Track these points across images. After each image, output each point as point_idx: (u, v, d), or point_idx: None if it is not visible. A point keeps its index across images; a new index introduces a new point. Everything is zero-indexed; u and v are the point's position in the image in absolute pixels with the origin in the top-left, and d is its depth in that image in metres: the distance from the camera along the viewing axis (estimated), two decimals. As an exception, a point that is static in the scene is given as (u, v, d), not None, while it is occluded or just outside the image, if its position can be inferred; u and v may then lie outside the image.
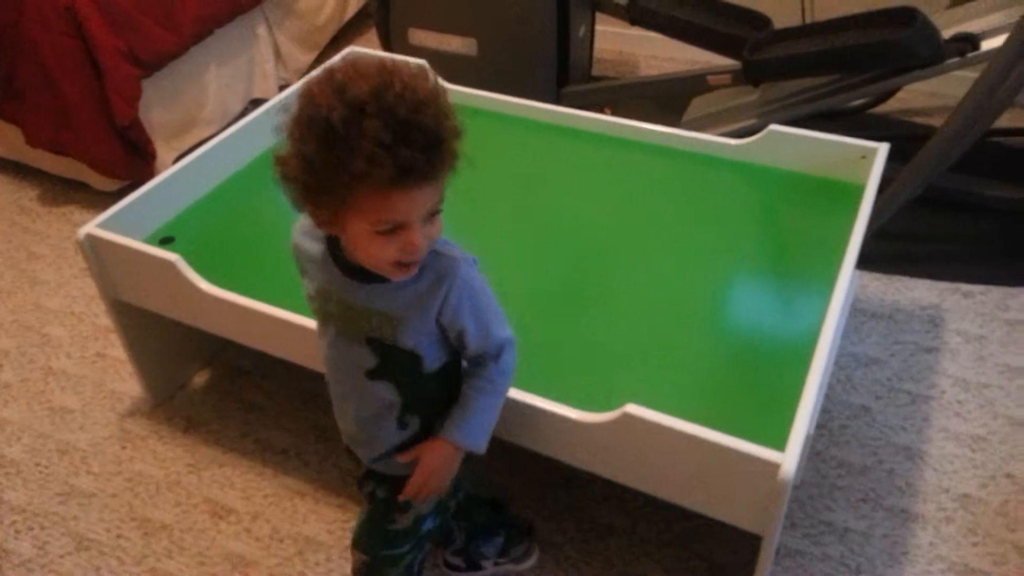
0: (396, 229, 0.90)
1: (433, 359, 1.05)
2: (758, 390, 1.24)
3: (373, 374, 1.04)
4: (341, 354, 1.06)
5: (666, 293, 1.43)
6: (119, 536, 1.53)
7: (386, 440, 1.09)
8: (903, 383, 1.72)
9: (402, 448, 1.10)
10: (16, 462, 1.68)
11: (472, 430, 1.07)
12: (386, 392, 1.05)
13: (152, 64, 2.24)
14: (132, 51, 2.17)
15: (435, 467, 1.08)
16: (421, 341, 1.02)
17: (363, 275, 0.99)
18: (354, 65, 0.88)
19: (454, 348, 1.06)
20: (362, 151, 0.83)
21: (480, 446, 1.08)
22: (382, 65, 0.87)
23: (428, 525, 1.19)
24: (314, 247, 1.03)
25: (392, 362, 1.03)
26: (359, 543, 1.19)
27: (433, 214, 0.92)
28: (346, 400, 1.11)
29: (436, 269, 0.98)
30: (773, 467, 1.04)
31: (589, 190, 1.68)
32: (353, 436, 1.14)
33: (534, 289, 1.09)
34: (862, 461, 1.58)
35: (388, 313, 1.00)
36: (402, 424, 1.08)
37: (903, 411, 1.67)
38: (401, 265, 0.93)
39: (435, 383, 1.07)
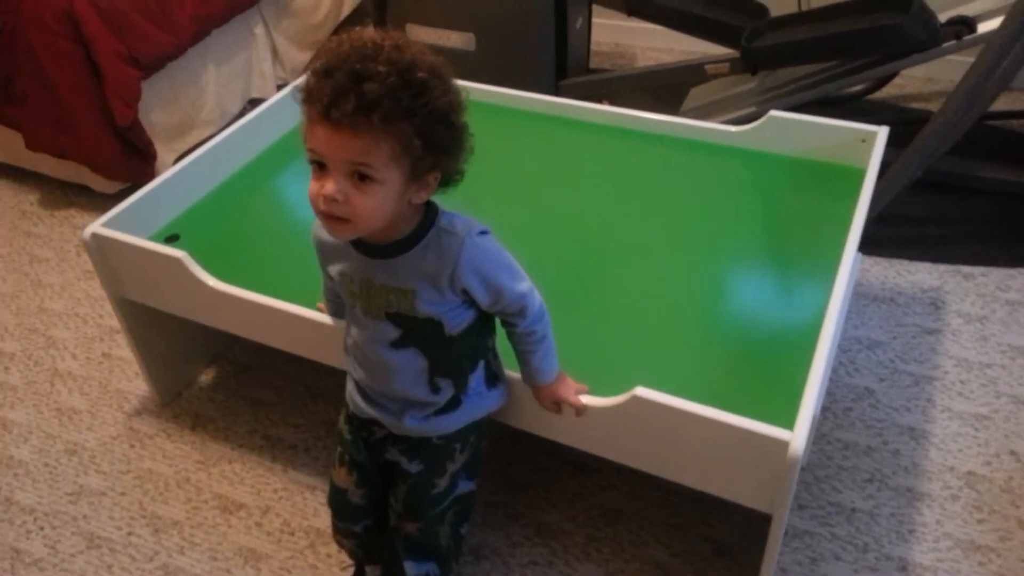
0: (322, 172, 0.94)
1: (455, 323, 1.08)
2: (764, 374, 1.25)
3: (397, 344, 1.09)
4: (368, 332, 1.10)
5: (670, 280, 1.44)
6: (130, 534, 1.53)
7: (424, 406, 1.14)
8: (906, 365, 1.74)
9: (441, 411, 1.15)
10: (25, 463, 1.68)
11: (545, 370, 1.16)
12: (413, 359, 1.10)
13: (151, 66, 2.24)
14: (131, 53, 2.17)
15: (553, 399, 1.19)
16: (439, 309, 1.06)
17: (376, 251, 1.04)
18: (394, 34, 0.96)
19: (477, 309, 1.10)
20: (312, 75, 0.92)
21: (556, 371, 1.18)
22: (406, 39, 0.94)
23: (464, 486, 1.23)
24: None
25: (415, 331, 1.08)
26: (408, 514, 1.22)
27: (363, 177, 0.93)
28: (374, 373, 1.14)
29: (440, 248, 1.02)
30: (782, 445, 1.05)
31: (591, 180, 1.68)
32: (381, 406, 1.17)
33: (538, 278, 1.10)
34: (867, 442, 1.59)
35: (402, 287, 1.04)
36: (434, 388, 1.13)
37: (907, 392, 1.68)
38: (322, 215, 0.96)
39: (460, 344, 1.11)
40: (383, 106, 0.89)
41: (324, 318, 1.32)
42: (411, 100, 0.91)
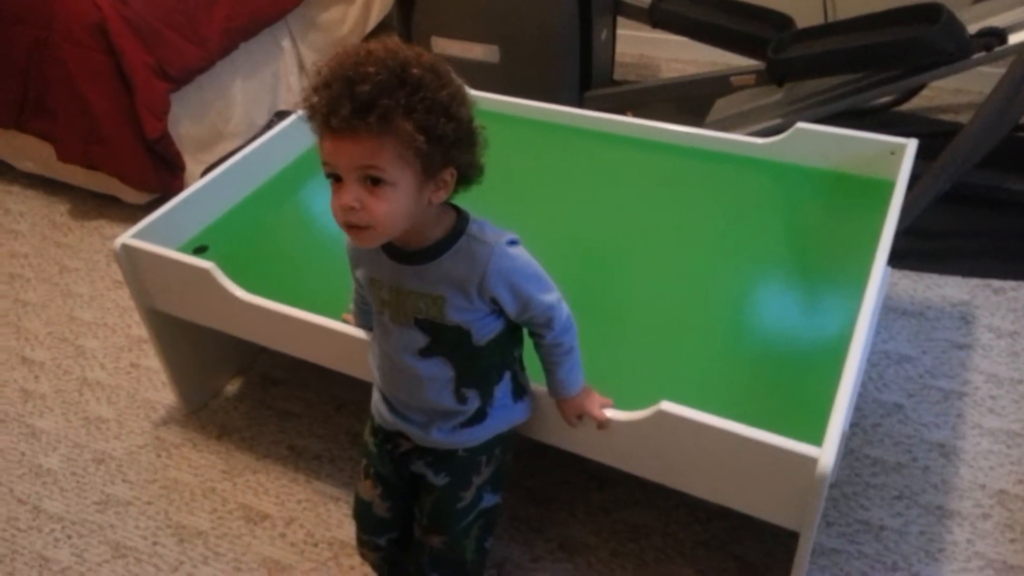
0: (338, 184, 0.95)
1: (483, 333, 1.08)
2: (791, 389, 1.24)
3: (425, 352, 1.09)
4: (394, 339, 1.10)
5: (696, 293, 1.43)
6: (155, 543, 1.54)
7: (450, 417, 1.14)
8: (936, 380, 1.71)
9: (468, 423, 1.15)
10: (53, 472, 1.70)
11: (571, 383, 1.16)
12: (440, 368, 1.10)
13: (180, 78, 2.27)
14: (161, 66, 2.20)
15: (577, 412, 1.18)
16: (468, 317, 1.06)
17: (407, 257, 1.04)
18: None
19: (506, 319, 1.10)
20: (311, 90, 0.93)
21: (582, 384, 1.17)
22: (401, 44, 0.95)
23: (489, 500, 1.22)
24: None
25: (442, 339, 1.08)
26: (434, 528, 1.22)
27: (375, 181, 0.93)
28: (401, 384, 1.14)
29: (470, 255, 1.03)
30: (810, 461, 1.03)
31: (615, 192, 1.68)
32: (408, 418, 1.17)
33: (563, 290, 1.10)
34: (896, 459, 1.57)
35: (432, 294, 1.05)
36: (461, 398, 1.13)
37: (936, 408, 1.65)
38: (344, 226, 0.97)
39: (487, 354, 1.11)
40: (378, 106, 0.89)
41: (350, 329, 1.32)
42: (407, 97, 0.91)
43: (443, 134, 0.93)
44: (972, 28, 1.96)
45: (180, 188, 2.20)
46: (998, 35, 1.93)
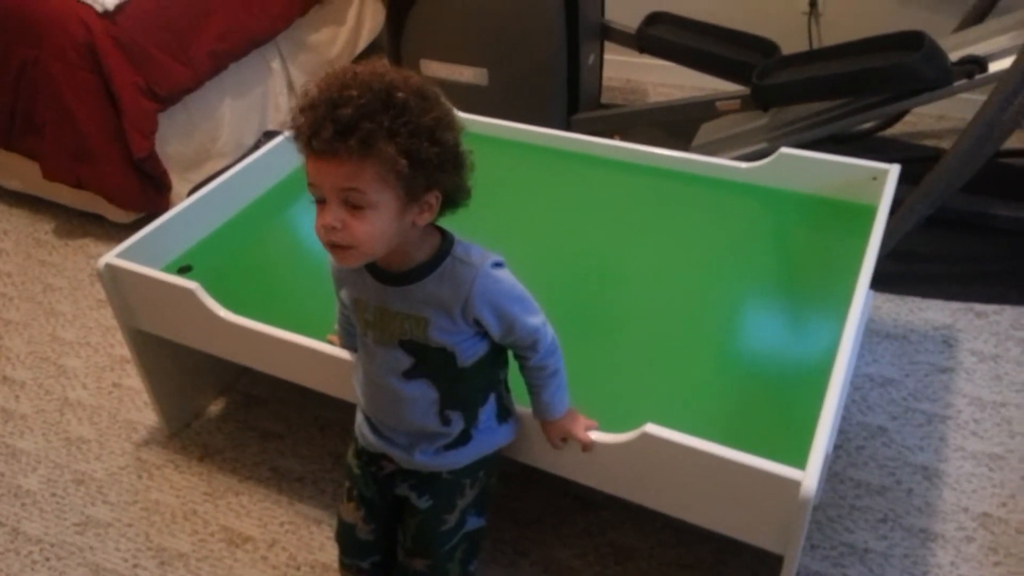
0: (322, 205, 0.96)
1: (468, 354, 1.08)
2: (775, 411, 1.24)
3: (409, 373, 1.09)
4: (378, 361, 1.10)
5: (681, 316, 1.43)
6: (136, 566, 1.52)
7: (434, 439, 1.14)
8: (919, 403, 1.72)
9: (451, 445, 1.14)
10: (33, 493, 1.68)
11: (556, 405, 1.15)
12: (424, 390, 1.10)
13: (168, 98, 2.27)
14: (149, 86, 2.20)
15: (562, 435, 1.18)
16: (452, 338, 1.06)
17: (392, 278, 1.05)
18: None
19: (490, 341, 1.10)
20: (297, 111, 0.94)
21: (567, 407, 1.17)
22: (388, 66, 0.96)
23: (473, 523, 1.22)
24: None
25: (427, 360, 1.08)
26: (418, 551, 1.21)
27: (356, 207, 0.94)
28: (385, 406, 1.14)
29: (455, 277, 1.03)
30: (794, 484, 1.04)
31: (602, 215, 1.69)
32: (391, 440, 1.16)
33: (549, 312, 1.10)
34: (880, 481, 1.57)
35: (416, 315, 1.05)
36: (445, 420, 1.12)
37: (920, 431, 1.66)
38: (326, 245, 0.98)
39: (471, 376, 1.11)
40: (360, 129, 0.90)
41: (335, 350, 1.32)
42: (391, 121, 0.91)
43: (427, 158, 0.94)
44: (954, 56, 1.99)
45: (166, 207, 2.19)
46: (979, 63, 1.96)
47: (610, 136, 2.34)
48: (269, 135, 2.65)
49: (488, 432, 1.17)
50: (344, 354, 1.30)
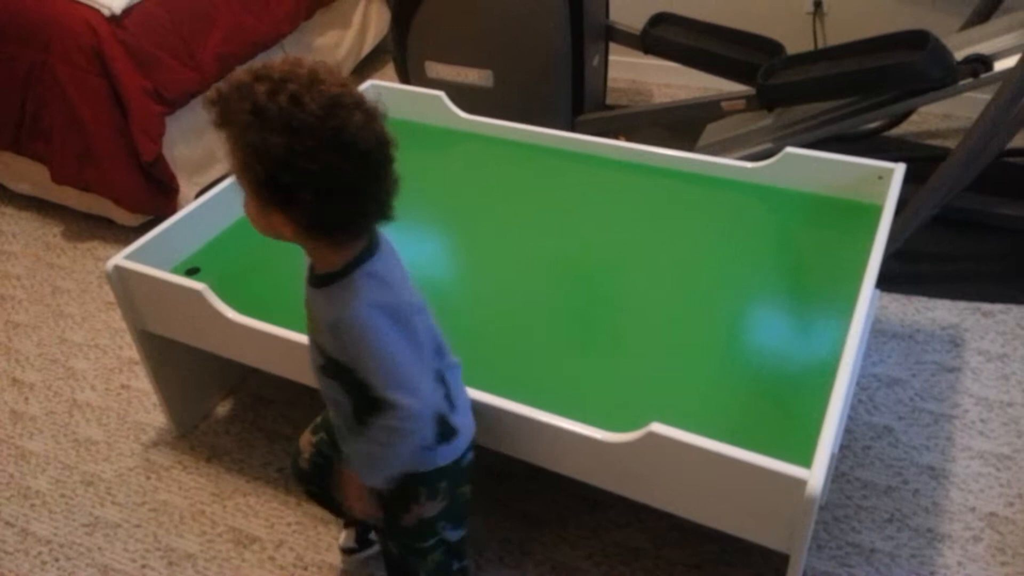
0: None
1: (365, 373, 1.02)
2: (781, 411, 1.24)
3: (323, 370, 1.08)
4: (311, 356, 1.10)
5: (687, 315, 1.44)
6: (144, 566, 1.53)
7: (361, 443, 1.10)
8: (926, 403, 1.72)
9: None
10: (42, 493, 1.69)
11: (357, 465, 1.11)
12: (339, 393, 1.08)
13: (176, 102, 2.28)
14: (156, 89, 2.22)
15: (345, 488, 1.16)
16: (340, 355, 1.03)
17: (310, 277, 1.04)
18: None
19: None
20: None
21: (369, 480, 1.11)
22: (320, 69, 0.91)
23: (452, 534, 1.22)
24: None
25: (332, 366, 1.06)
26: (386, 532, 1.24)
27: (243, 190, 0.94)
28: (327, 404, 1.15)
29: (334, 298, 0.99)
30: (800, 484, 1.04)
31: (607, 215, 1.69)
32: (337, 426, 1.17)
33: (555, 312, 1.10)
34: (887, 481, 1.57)
35: (316, 320, 1.05)
36: (359, 434, 1.08)
37: (926, 431, 1.66)
38: None
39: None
40: (219, 104, 0.90)
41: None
42: (250, 115, 0.87)
43: (273, 175, 0.89)
44: (959, 55, 1.99)
45: (174, 210, 2.20)
46: (984, 62, 1.96)
47: (615, 137, 2.35)
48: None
49: (420, 452, 1.10)
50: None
